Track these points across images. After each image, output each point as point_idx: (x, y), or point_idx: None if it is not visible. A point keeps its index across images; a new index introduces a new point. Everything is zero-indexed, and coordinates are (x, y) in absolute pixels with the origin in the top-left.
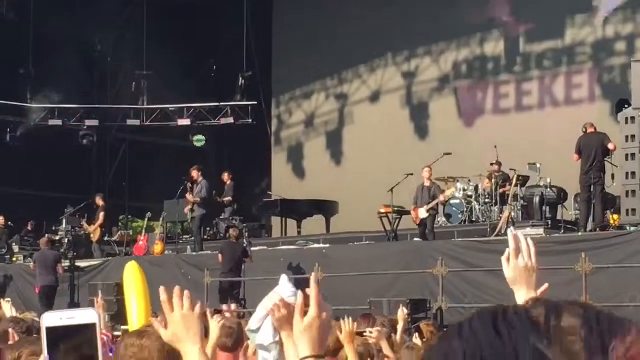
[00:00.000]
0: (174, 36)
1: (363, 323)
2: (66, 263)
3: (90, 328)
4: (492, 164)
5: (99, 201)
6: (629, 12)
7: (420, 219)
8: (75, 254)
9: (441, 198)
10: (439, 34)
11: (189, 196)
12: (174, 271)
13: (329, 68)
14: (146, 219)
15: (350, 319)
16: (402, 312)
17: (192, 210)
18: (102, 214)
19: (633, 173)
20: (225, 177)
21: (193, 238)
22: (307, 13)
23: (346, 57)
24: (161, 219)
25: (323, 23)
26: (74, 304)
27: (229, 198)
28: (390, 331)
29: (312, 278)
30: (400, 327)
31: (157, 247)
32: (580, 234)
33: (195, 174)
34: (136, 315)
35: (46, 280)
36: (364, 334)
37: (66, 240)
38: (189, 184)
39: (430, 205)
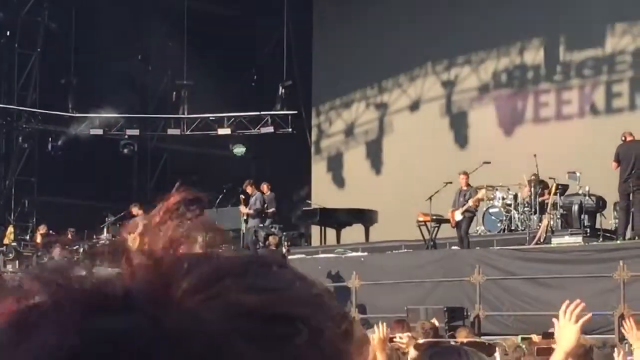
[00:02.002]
0: (214, 46)
1: (396, 328)
2: None
3: None
4: (533, 175)
5: (137, 211)
6: None
7: (455, 221)
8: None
9: (472, 200)
10: (479, 42)
11: (242, 208)
12: None
13: (369, 77)
14: None
15: (384, 324)
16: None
17: (245, 221)
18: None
19: None
20: (265, 188)
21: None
22: (346, 23)
23: (386, 66)
24: None
25: (362, 32)
26: None
27: (273, 209)
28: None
29: None
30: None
31: None
32: (618, 242)
33: (249, 189)
34: None
35: None
36: (394, 339)
37: (81, 249)
38: (242, 196)
39: (465, 207)
